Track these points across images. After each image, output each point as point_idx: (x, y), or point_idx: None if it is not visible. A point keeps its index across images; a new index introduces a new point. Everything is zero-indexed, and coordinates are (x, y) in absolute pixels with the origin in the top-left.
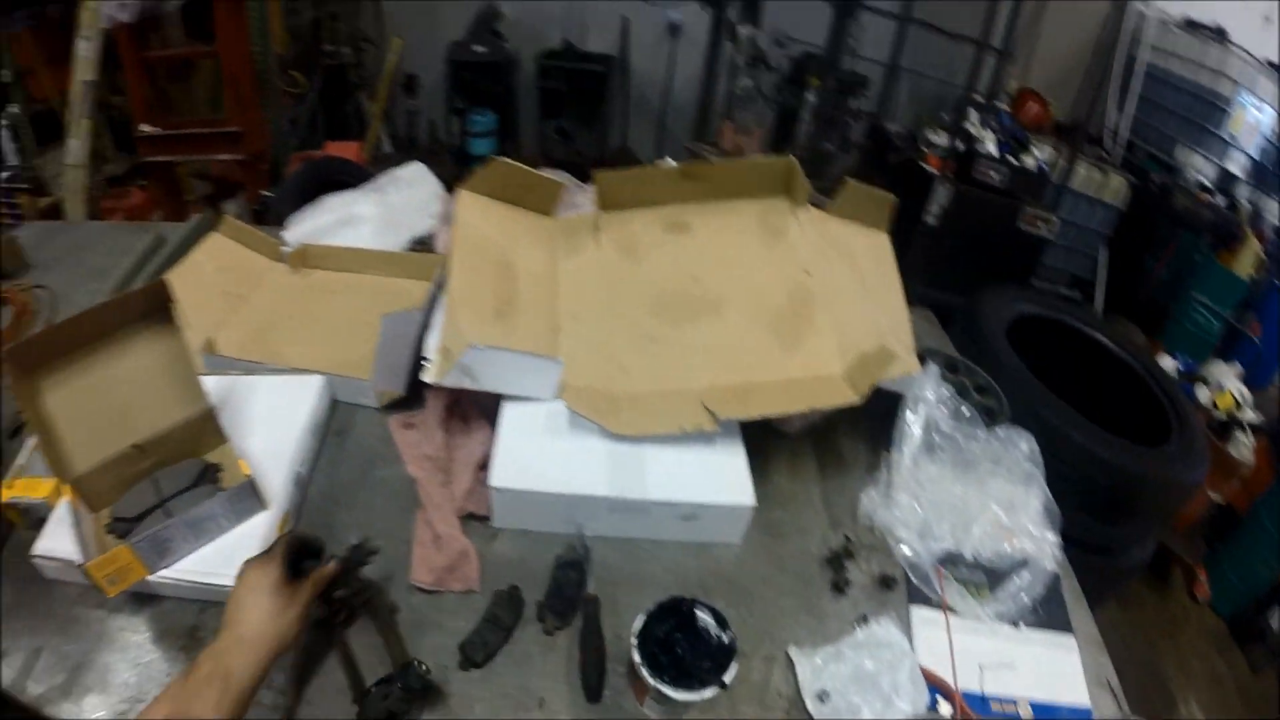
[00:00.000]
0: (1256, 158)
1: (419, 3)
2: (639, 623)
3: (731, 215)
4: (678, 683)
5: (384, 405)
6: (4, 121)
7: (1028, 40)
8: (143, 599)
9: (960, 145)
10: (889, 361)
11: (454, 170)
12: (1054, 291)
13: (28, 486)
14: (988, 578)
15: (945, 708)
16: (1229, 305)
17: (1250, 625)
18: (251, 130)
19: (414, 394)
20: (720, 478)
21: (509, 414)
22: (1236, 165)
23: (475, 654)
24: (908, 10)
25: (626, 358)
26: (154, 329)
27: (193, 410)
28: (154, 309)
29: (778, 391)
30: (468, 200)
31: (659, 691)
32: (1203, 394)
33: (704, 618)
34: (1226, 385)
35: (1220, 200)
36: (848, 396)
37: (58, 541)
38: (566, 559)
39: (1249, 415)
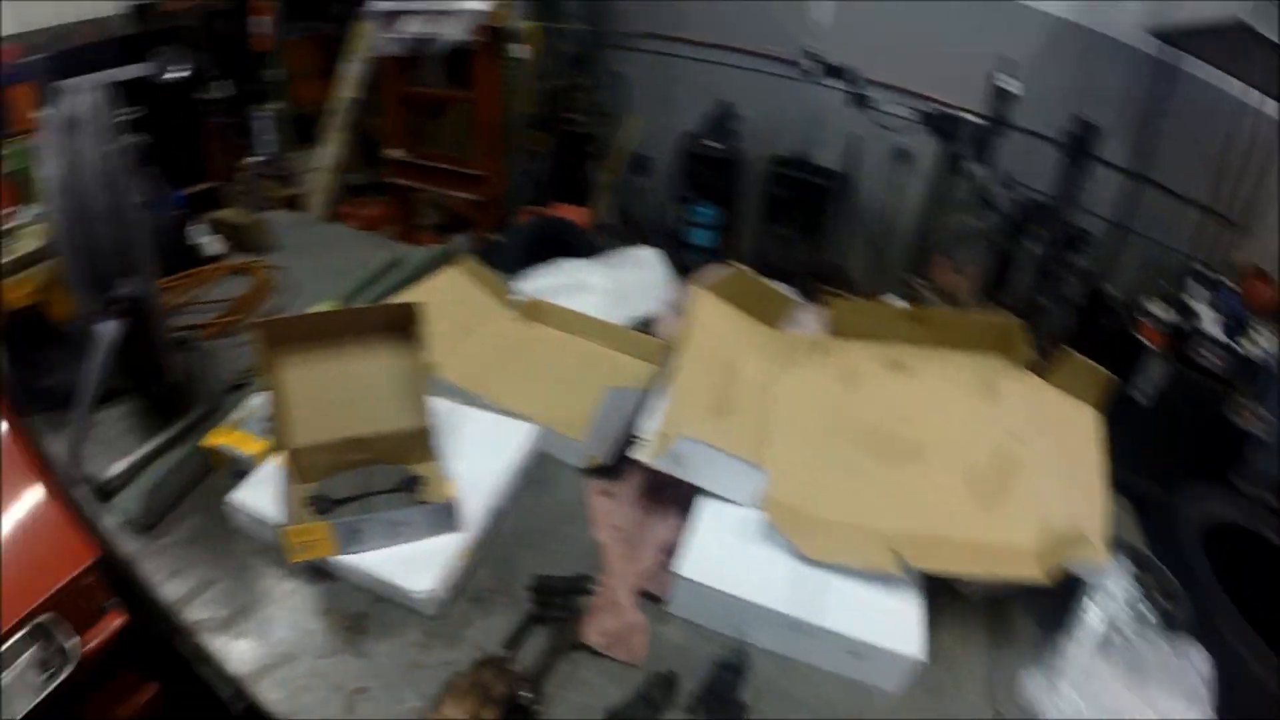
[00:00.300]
0: None
1: (659, 88)
2: None
3: (950, 365)
4: None
5: (587, 469)
6: (267, 114)
7: (1260, 212)
8: (319, 573)
9: (1183, 322)
10: (1082, 547)
11: (671, 254)
12: (1263, 501)
13: (240, 440)
14: None
15: None
16: None
17: None
18: (492, 176)
19: (617, 466)
20: (894, 622)
21: (706, 510)
22: None
23: None
24: (1142, 167)
25: (828, 484)
26: (395, 342)
27: (413, 423)
28: (401, 325)
29: (966, 552)
30: (705, 299)
31: None
32: None
33: None
34: None
35: None
36: (1035, 574)
37: (256, 498)
38: (727, 661)
39: None
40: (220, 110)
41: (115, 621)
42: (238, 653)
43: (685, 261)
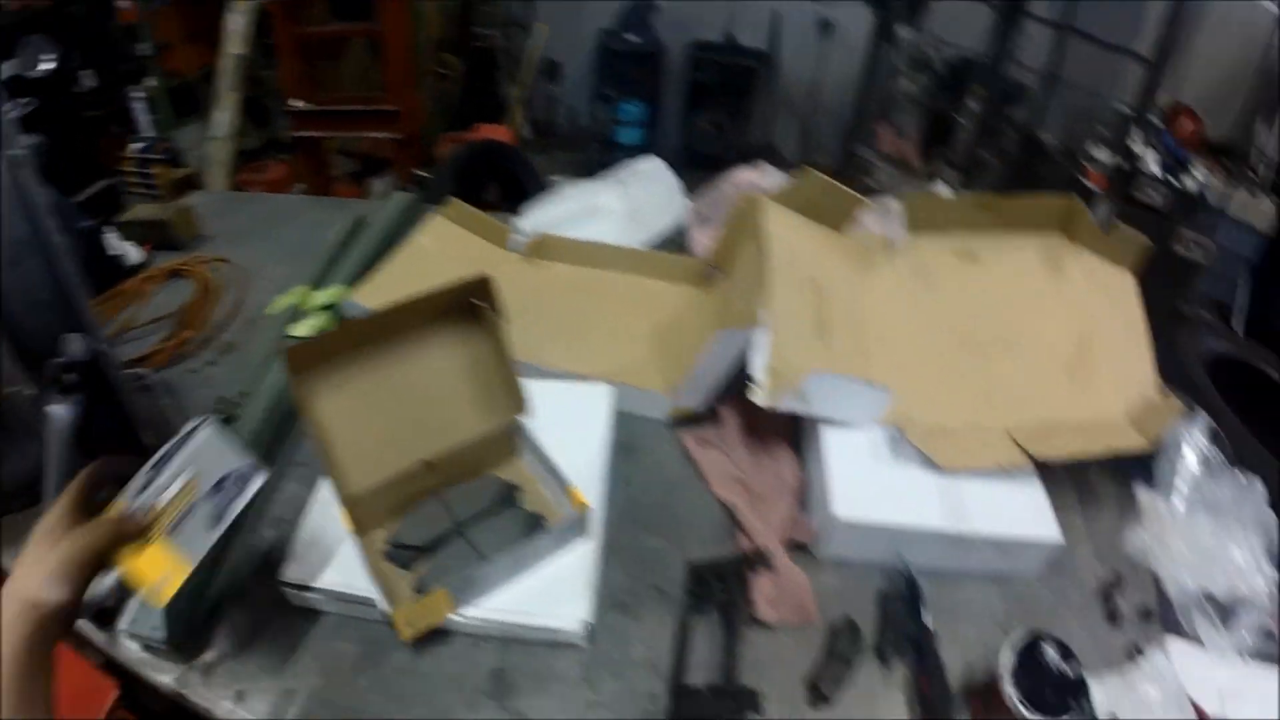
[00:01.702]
0: None
1: None
2: (1010, 658)
3: (1016, 249)
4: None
5: (673, 419)
6: (141, 94)
7: (1183, 54)
8: (428, 636)
9: (1125, 164)
10: (1176, 413)
11: (599, 158)
12: (1215, 313)
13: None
14: (1217, 611)
15: None
16: None
17: None
18: (408, 109)
19: (704, 411)
20: (1027, 513)
21: (832, 440)
22: None
23: (829, 688)
24: (1068, 17)
25: (938, 389)
26: (456, 325)
27: (500, 421)
28: (459, 306)
29: (1075, 433)
30: (773, 211)
31: None
32: None
33: (1049, 651)
34: None
35: None
36: (1139, 442)
37: (318, 569)
38: (893, 590)
39: None
40: (94, 100)
41: None
42: None
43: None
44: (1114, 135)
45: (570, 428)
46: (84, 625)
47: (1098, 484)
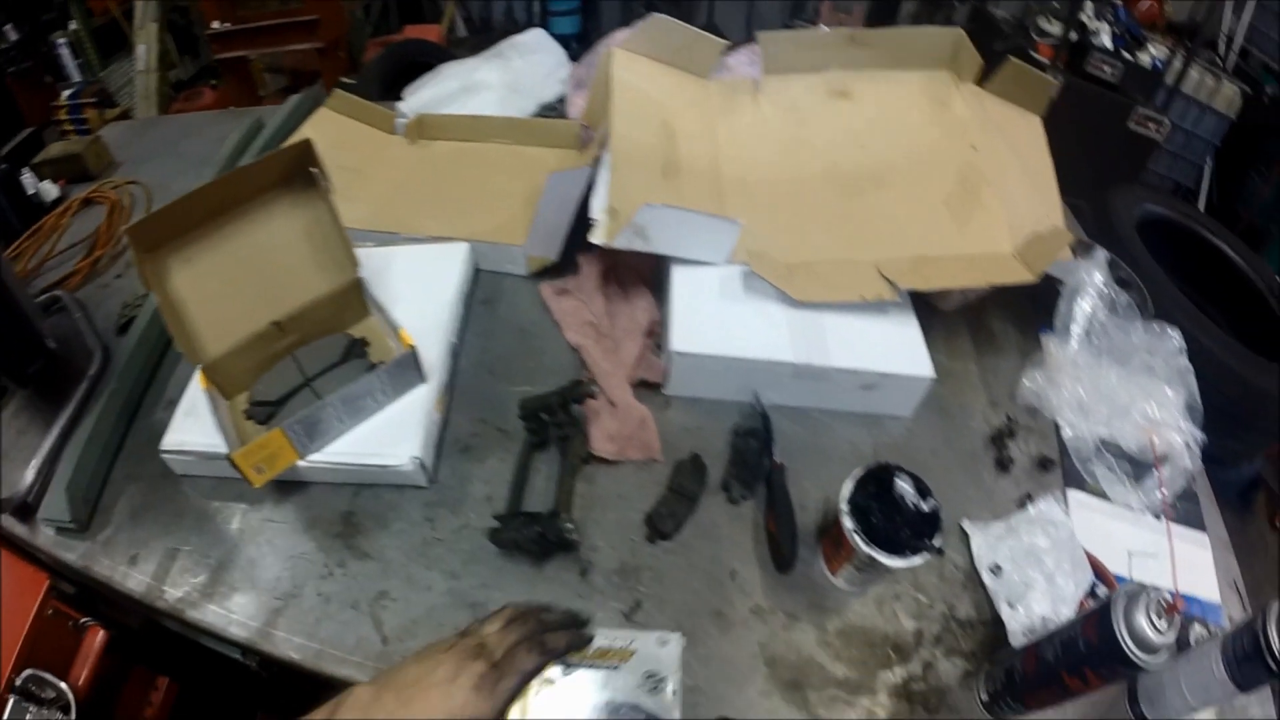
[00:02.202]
0: None
1: None
2: (848, 489)
3: (895, 85)
4: (888, 545)
5: (533, 273)
6: (62, 39)
7: None
8: (286, 487)
9: (1074, 35)
10: (1063, 244)
11: None
12: (1179, 196)
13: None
14: (1133, 469)
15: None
16: None
17: None
18: (328, 17)
19: (564, 261)
20: (898, 348)
21: (680, 278)
22: None
23: (664, 525)
24: None
25: (798, 225)
26: (293, 194)
27: (339, 281)
28: (294, 173)
29: (953, 266)
30: (623, 59)
31: (869, 558)
32: None
33: (902, 485)
34: None
35: None
36: (1023, 275)
37: (190, 433)
38: (745, 427)
39: None
40: (19, 53)
41: (96, 639)
42: (235, 614)
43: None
44: (1066, 8)
45: (425, 285)
46: (7, 520)
47: (1000, 334)
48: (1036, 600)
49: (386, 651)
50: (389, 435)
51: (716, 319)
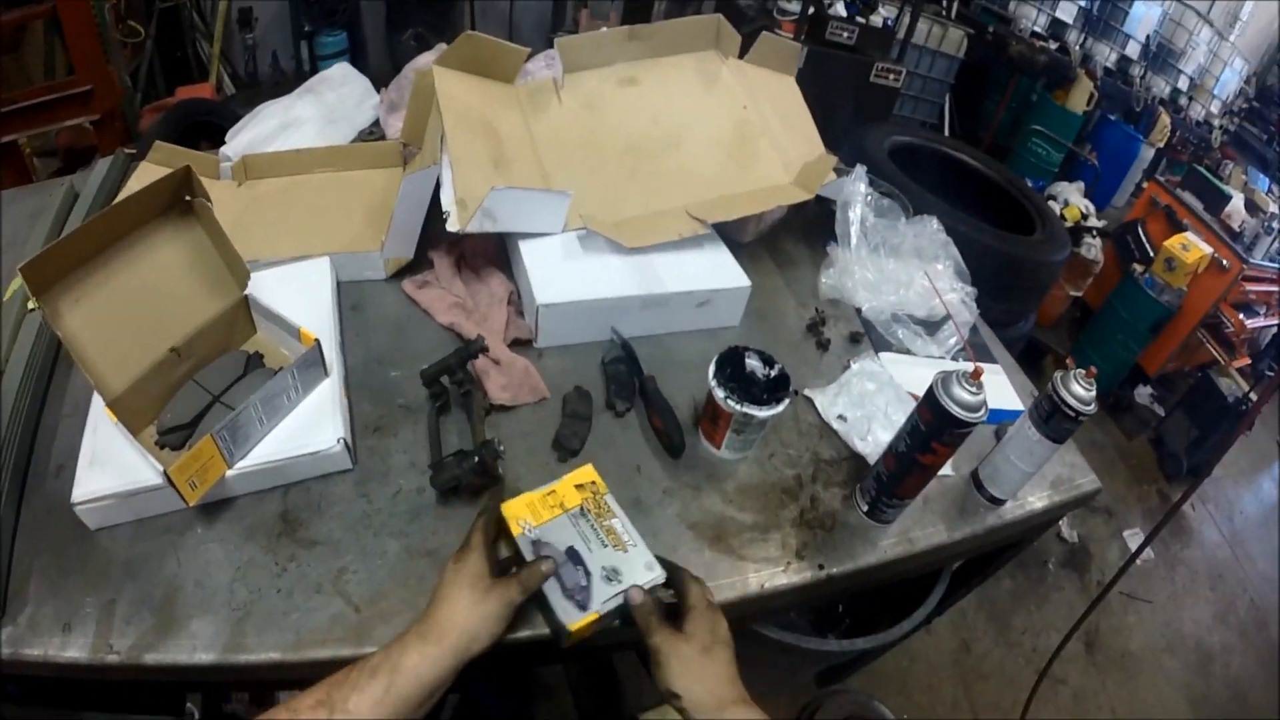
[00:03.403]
0: (1085, 4)
1: None
2: (712, 369)
3: (673, 68)
4: (755, 404)
5: (391, 274)
6: None
7: None
8: (213, 508)
9: (812, 9)
10: (828, 166)
11: None
12: (914, 126)
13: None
14: (925, 329)
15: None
16: (1068, 137)
17: (1119, 401)
18: (100, 86)
19: (416, 260)
20: (718, 270)
21: (528, 249)
22: (1066, 14)
23: (571, 443)
24: None
25: (614, 191)
26: (173, 223)
27: (229, 299)
28: (171, 203)
29: (744, 199)
30: (443, 74)
31: (744, 415)
32: (1052, 209)
33: (752, 362)
34: (1072, 200)
35: (1052, 45)
36: (802, 195)
37: (100, 480)
38: (612, 356)
39: (1095, 222)
40: None
41: None
42: (197, 640)
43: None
44: None
45: (299, 299)
46: None
47: (794, 252)
48: (879, 431)
49: (362, 619)
50: (309, 426)
51: (568, 274)
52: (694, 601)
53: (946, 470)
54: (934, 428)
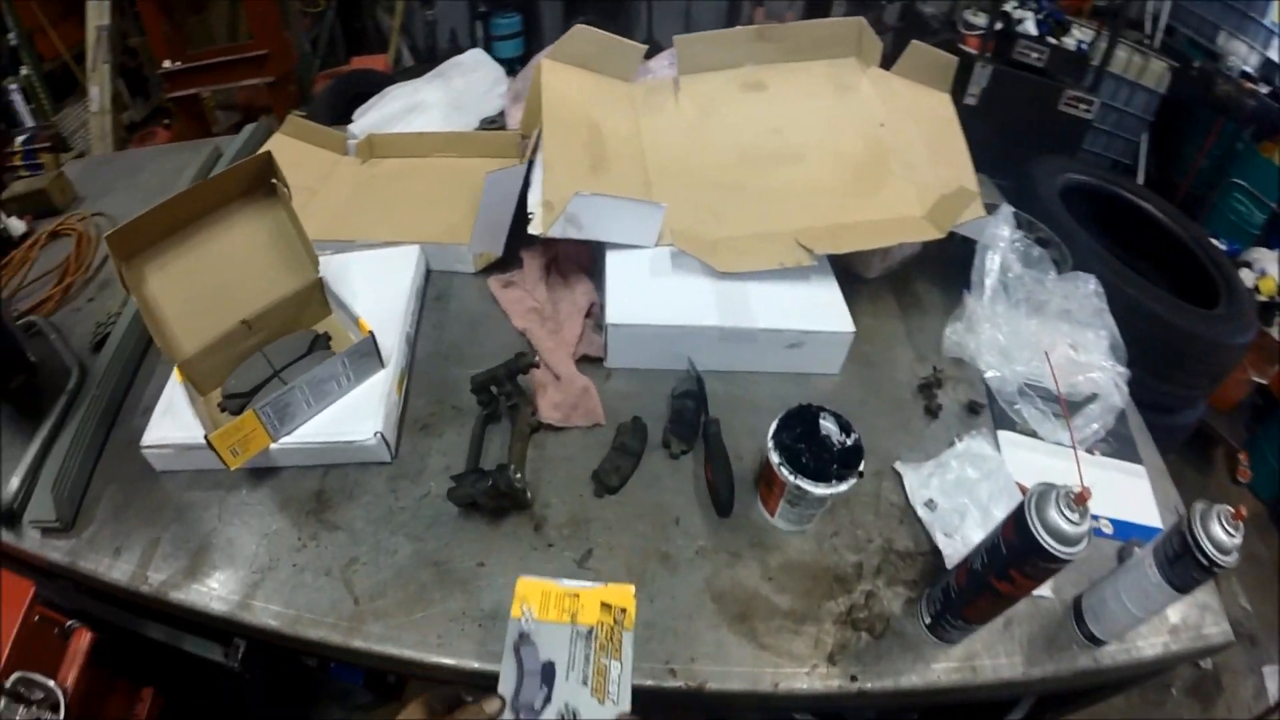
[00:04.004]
0: None
1: None
2: (773, 427)
3: (805, 74)
4: (815, 478)
5: (480, 269)
6: (14, 85)
7: None
8: (260, 474)
9: (1000, 25)
10: (968, 201)
11: None
12: (1102, 164)
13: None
14: (1061, 409)
15: None
16: (1274, 196)
17: None
18: (276, 51)
19: (509, 256)
20: (820, 309)
21: (613, 260)
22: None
23: (609, 479)
24: None
25: (719, 205)
26: (257, 203)
27: (301, 281)
28: (257, 183)
29: (865, 230)
30: (552, 67)
31: (797, 489)
32: (1246, 278)
33: (827, 424)
34: (1270, 271)
35: (1263, 89)
36: (931, 232)
37: (168, 430)
38: (682, 389)
39: None
40: None
41: (83, 641)
42: (216, 590)
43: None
44: (991, 1)
45: (381, 284)
46: None
47: (925, 296)
48: (971, 529)
49: (359, 611)
50: (353, 414)
51: (648, 293)
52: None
53: (1045, 591)
54: (1016, 553)
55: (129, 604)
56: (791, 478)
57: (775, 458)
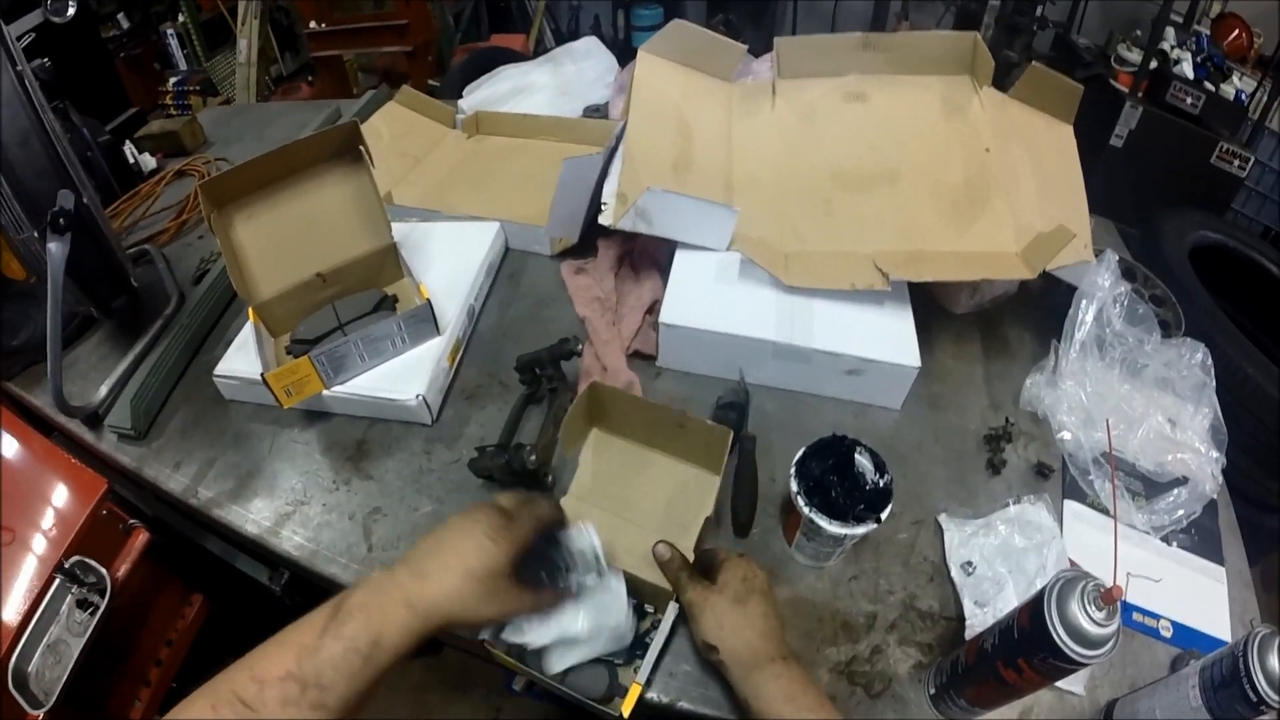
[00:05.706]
0: None
1: None
2: (801, 452)
3: (912, 88)
4: (831, 516)
5: (556, 253)
6: (170, 30)
7: None
8: (313, 416)
9: (1154, 64)
10: (1066, 242)
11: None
12: (1251, 230)
13: None
14: (1145, 487)
15: None
16: None
17: None
18: (417, 22)
19: (586, 244)
20: (887, 338)
21: (681, 260)
22: None
23: None
24: None
25: (800, 219)
26: (344, 168)
27: (376, 243)
28: (345, 149)
29: (951, 261)
30: (647, 60)
31: (811, 523)
32: None
33: (862, 460)
34: None
35: None
36: (1022, 271)
37: (238, 363)
38: (727, 400)
39: None
40: (129, 41)
41: (140, 539)
42: (252, 514)
43: None
44: (1148, 38)
45: (455, 256)
46: (77, 426)
47: (1014, 340)
48: (1006, 601)
49: (370, 557)
50: (402, 375)
51: (708, 297)
52: (725, 554)
53: (1075, 687)
54: (1028, 641)
55: (192, 516)
56: (806, 510)
57: (794, 485)
